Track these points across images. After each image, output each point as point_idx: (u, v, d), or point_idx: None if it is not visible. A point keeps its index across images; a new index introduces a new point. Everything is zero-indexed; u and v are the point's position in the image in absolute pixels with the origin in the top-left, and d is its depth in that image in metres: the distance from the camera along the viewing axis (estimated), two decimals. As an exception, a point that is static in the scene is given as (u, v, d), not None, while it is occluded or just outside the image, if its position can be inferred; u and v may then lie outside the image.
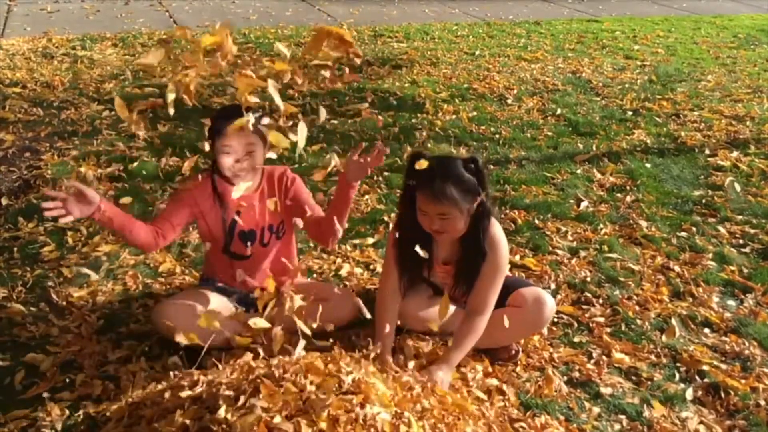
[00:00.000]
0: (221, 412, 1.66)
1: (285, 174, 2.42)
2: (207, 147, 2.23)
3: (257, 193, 2.37)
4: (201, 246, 2.78)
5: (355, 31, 6.95)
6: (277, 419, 1.60)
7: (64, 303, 2.56)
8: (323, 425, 1.60)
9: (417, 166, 2.05)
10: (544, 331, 2.52)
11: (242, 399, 1.69)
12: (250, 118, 1.82)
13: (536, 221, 3.37)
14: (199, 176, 2.34)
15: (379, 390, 1.77)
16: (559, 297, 2.77)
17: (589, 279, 2.92)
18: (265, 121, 2.23)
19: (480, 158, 2.14)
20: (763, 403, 2.26)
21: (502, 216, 3.41)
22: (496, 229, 2.23)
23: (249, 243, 2.37)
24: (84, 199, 2.01)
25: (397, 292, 2.31)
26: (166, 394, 1.85)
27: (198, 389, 1.81)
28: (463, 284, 2.28)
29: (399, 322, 2.40)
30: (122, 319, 2.50)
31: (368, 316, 2.22)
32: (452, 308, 2.44)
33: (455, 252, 2.27)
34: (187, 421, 1.70)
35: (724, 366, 2.43)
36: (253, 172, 2.29)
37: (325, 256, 2.99)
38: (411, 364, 2.22)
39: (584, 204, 3.59)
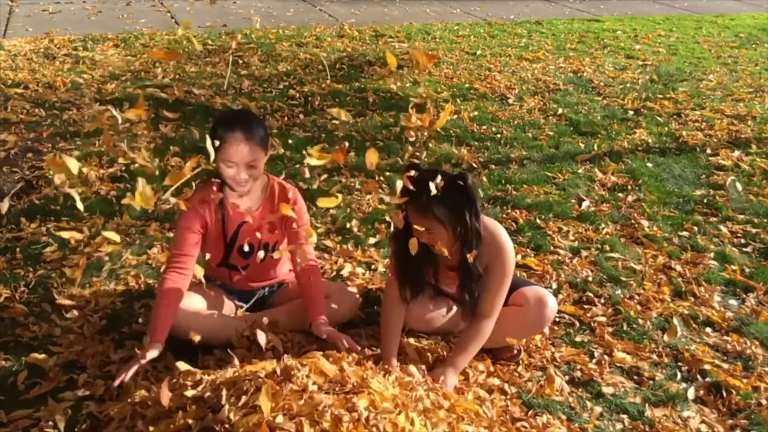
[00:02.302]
0: (224, 412, 1.66)
1: (291, 197, 2.36)
2: (211, 152, 2.20)
3: (259, 211, 2.33)
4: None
5: (357, 31, 6.95)
6: (280, 419, 1.60)
7: (67, 303, 2.57)
8: (326, 425, 1.60)
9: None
10: (546, 330, 2.52)
11: (244, 399, 1.70)
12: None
13: (538, 221, 3.38)
14: (197, 186, 2.32)
15: (382, 390, 1.78)
16: (560, 297, 2.77)
17: (590, 279, 2.92)
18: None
19: (470, 176, 2.10)
20: (764, 402, 2.26)
21: (504, 216, 3.41)
22: (502, 235, 2.23)
23: (247, 258, 2.37)
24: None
25: (400, 301, 2.30)
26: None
27: (200, 388, 1.81)
28: (468, 294, 2.27)
29: (404, 324, 2.40)
30: (125, 319, 2.50)
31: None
32: (453, 309, 2.45)
33: (457, 260, 2.26)
34: (190, 421, 1.70)
35: (725, 365, 2.44)
36: (253, 182, 2.24)
37: (326, 255, 2.99)
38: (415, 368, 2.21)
39: (586, 204, 3.59)
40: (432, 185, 1.87)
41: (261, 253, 2.14)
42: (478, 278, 2.22)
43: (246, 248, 2.33)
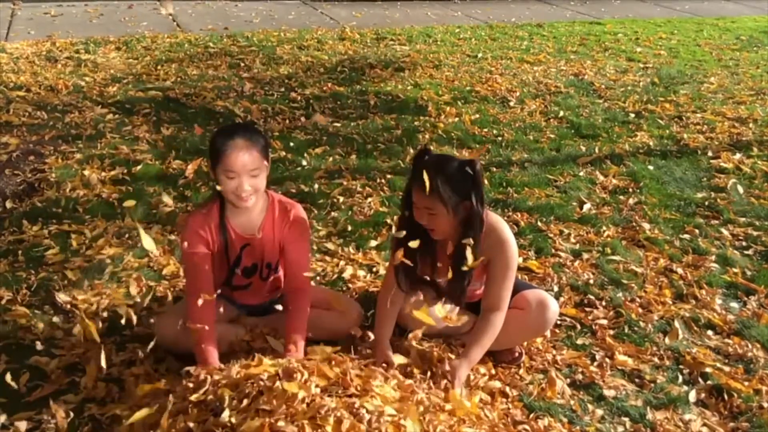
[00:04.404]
0: (225, 416, 1.65)
1: (290, 213, 2.29)
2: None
3: (260, 233, 2.28)
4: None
5: (358, 34, 6.96)
6: (282, 422, 1.60)
7: (69, 306, 2.57)
8: (328, 429, 1.59)
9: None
10: (547, 333, 2.52)
11: (246, 402, 1.69)
12: None
13: (539, 224, 3.38)
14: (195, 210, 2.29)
15: (384, 393, 1.77)
16: (562, 299, 2.77)
17: (592, 281, 2.92)
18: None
19: (478, 163, 2.13)
20: (766, 405, 2.26)
21: (505, 218, 3.40)
22: (504, 229, 2.25)
23: (250, 277, 2.35)
24: None
25: (396, 287, 2.32)
26: (171, 397, 1.85)
27: (202, 391, 1.80)
28: (458, 282, 2.27)
29: (405, 325, 2.40)
30: (126, 321, 2.50)
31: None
32: (456, 309, 2.45)
33: (455, 245, 2.28)
34: (191, 425, 1.70)
35: (727, 368, 2.43)
36: (256, 195, 2.17)
37: (328, 258, 2.99)
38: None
39: (587, 206, 3.59)
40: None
41: (279, 306, 2.17)
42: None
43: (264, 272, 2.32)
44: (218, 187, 2.13)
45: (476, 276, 2.30)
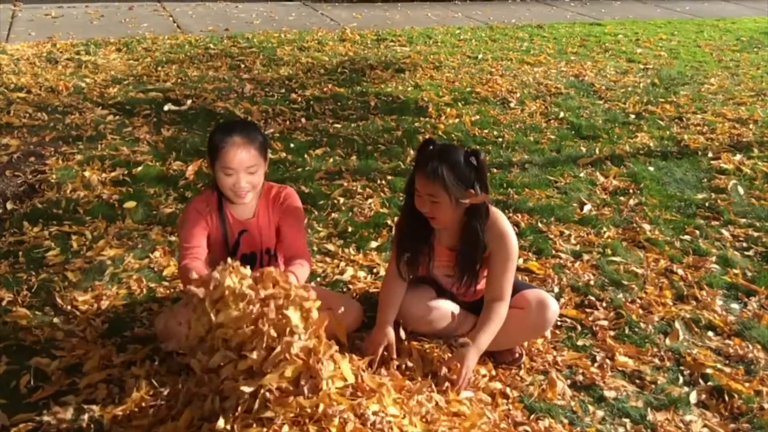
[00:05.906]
0: (220, 423, 1.61)
1: (282, 194, 2.33)
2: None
3: (255, 218, 2.31)
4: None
5: (358, 35, 6.97)
6: (285, 429, 1.58)
7: (69, 307, 2.57)
8: (333, 431, 1.58)
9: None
10: (548, 334, 2.52)
11: (242, 408, 1.65)
12: None
13: (539, 225, 3.38)
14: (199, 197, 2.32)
15: (388, 393, 1.77)
16: (562, 300, 2.77)
17: (592, 282, 2.92)
18: None
19: (483, 154, 2.18)
20: (767, 406, 2.26)
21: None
22: (504, 222, 2.27)
23: (250, 266, 2.35)
24: None
25: (398, 276, 2.35)
26: (168, 402, 1.85)
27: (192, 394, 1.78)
28: (464, 275, 2.30)
29: (405, 324, 2.41)
30: (127, 323, 2.51)
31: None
32: (457, 309, 2.45)
33: (457, 240, 2.30)
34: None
35: (727, 369, 2.43)
36: (254, 191, 2.23)
37: (328, 259, 2.99)
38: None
39: (587, 207, 3.59)
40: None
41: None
42: (483, 250, 2.25)
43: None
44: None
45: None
